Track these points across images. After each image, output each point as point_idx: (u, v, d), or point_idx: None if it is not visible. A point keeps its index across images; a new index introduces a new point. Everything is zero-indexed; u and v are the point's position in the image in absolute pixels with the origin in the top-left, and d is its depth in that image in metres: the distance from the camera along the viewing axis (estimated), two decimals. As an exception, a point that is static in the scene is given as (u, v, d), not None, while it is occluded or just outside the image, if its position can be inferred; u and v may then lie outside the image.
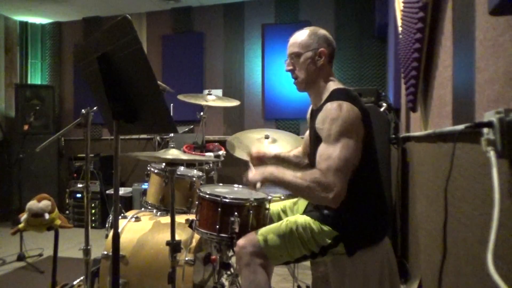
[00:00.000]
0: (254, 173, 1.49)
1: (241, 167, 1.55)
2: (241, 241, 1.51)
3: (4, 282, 2.83)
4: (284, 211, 1.79)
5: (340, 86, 1.55)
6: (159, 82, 2.37)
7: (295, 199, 1.83)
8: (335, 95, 1.48)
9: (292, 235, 1.46)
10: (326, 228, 1.44)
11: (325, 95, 1.54)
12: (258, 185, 1.48)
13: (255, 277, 1.45)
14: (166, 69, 5.05)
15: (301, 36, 1.59)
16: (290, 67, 1.61)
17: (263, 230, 1.51)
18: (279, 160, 1.92)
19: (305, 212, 1.62)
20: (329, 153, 1.36)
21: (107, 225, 3.70)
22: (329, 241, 1.43)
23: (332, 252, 1.45)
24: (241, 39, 4.85)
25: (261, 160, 1.91)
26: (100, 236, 3.90)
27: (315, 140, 1.49)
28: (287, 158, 1.92)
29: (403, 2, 2.05)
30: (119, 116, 1.27)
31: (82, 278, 2.26)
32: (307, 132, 1.84)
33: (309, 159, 1.67)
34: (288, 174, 1.42)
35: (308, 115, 1.75)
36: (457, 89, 1.24)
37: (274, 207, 1.80)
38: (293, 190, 1.45)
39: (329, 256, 1.47)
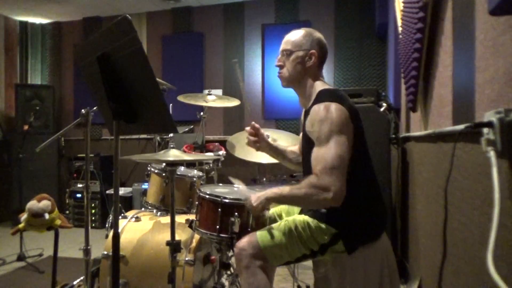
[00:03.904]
0: (255, 200, 1.50)
1: (241, 167, 1.55)
2: (240, 243, 1.51)
3: (4, 282, 2.83)
4: (280, 216, 1.78)
5: (327, 87, 1.57)
6: (160, 81, 2.37)
7: None
8: (321, 97, 1.49)
9: (291, 235, 1.47)
10: (324, 226, 1.45)
11: (313, 97, 1.55)
12: (266, 213, 1.54)
13: (255, 279, 1.45)
14: (166, 69, 5.05)
15: (296, 35, 1.60)
16: (280, 63, 1.63)
17: (262, 231, 1.51)
18: (273, 151, 1.87)
19: (303, 211, 1.63)
20: (322, 154, 1.36)
21: (107, 225, 3.70)
22: (328, 238, 1.44)
23: (331, 250, 1.45)
24: (241, 39, 4.85)
25: (257, 134, 1.82)
26: (100, 236, 3.90)
27: (307, 143, 1.50)
28: (283, 151, 1.88)
29: (403, 2, 2.05)
30: (119, 116, 1.27)
31: (82, 278, 2.26)
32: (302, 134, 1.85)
33: (302, 164, 1.67)
34: (285, 189, 1.44)
35: (302, 117, 1.76)
36: (457, 89, 1.24)
37: (270, 212, 1.79)
38: (294, 202, 1.48)
39: (329, 254, 1.47)
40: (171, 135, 3.82)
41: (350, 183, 1.39)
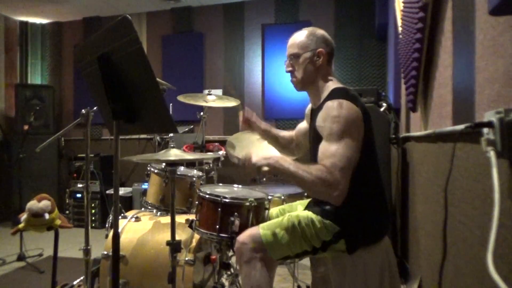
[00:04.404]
0: (258, 157, 1.48)
1: (241, 167, 1.55)
2: (241, 237, 1.50)
3: (4, 282, 2.83)
4: (283, 214, 1.78)
5: (340, 85, 1.56)
6: (160, 81, 2.37)
7: (293, 203, 1.82)
8: (335, 94, 1.48)
9: (294, 230, 1.46)
10: (328, 222, 1.45)
11: (325, 94, 1.55)
12: (265, 168, 1.47)
13: (255, 273, 1.45)
14: (166, 69, 5.05)
15: (299, 37, 1.61)
16: (290, 68, 1.63)
17: (264, 225, 1.51)
18: (267, 135, 1.91)
19: (307, 207, 1.62)
20: (333, 150, 1.36)
21: (107, 225, 3.69)
22: (330, 236, 1.43)
23: (333, 248, 1.45)
24: (241, 39, 4.85)
25: (249, 123, 1.90)
26: (100, 236, 3.89)
27: (316, 139, 1.49)
28: (275, 136, 1.91)
29: (403, 2, 2.05)
30: (119, 116, 1.27)
31: (82, 278, 2.26)
32: (301, 124, 1.85)
33: (310, 157, 1.67)
34: (294, 165, 1.41)
35: (307, 112, 1.75)
36: (457, 89, 1.24)
37: (274, 210, 1.79)
38: (298, 181, 1.43)
39: (330, 252, 1.47)
40: (171, 135, 3.83)
41: (356, 184, 1.39)
